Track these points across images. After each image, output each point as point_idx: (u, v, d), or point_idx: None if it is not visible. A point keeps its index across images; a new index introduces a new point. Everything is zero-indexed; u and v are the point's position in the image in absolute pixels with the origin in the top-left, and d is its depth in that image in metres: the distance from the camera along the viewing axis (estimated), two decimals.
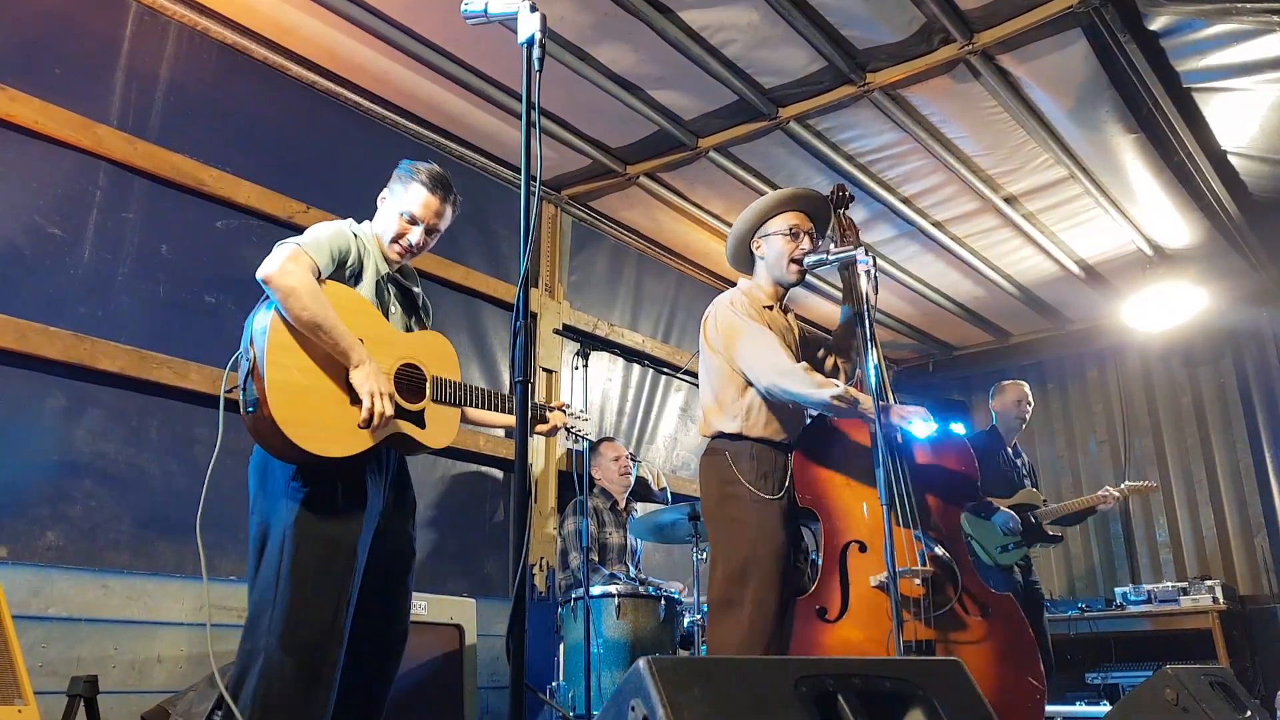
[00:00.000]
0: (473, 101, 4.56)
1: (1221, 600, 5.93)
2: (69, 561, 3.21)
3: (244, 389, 2.37)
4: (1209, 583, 6.05)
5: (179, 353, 3.60)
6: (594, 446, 4.96)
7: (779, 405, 3.10)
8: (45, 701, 2.38)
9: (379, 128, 4.60)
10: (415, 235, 2.69)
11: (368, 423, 2.41)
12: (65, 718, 2.51)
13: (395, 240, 2.68)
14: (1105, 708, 5.56)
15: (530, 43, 2.05)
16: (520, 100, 2.07)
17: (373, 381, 2.42)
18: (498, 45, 4.08)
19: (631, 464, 4.90)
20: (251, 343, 2.39)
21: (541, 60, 2.05)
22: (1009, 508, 4.98)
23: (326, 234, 2.53)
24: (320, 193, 4.21)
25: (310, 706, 2.26)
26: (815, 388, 2.95)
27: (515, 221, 2.05)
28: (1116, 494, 5.26)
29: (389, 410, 2.44)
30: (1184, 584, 6.16)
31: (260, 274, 2.36)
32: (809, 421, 3.25)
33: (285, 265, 2.36)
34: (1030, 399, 5.37)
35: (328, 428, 2.37)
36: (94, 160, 3.55)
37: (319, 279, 2.44)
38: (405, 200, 2.68)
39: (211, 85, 3.98)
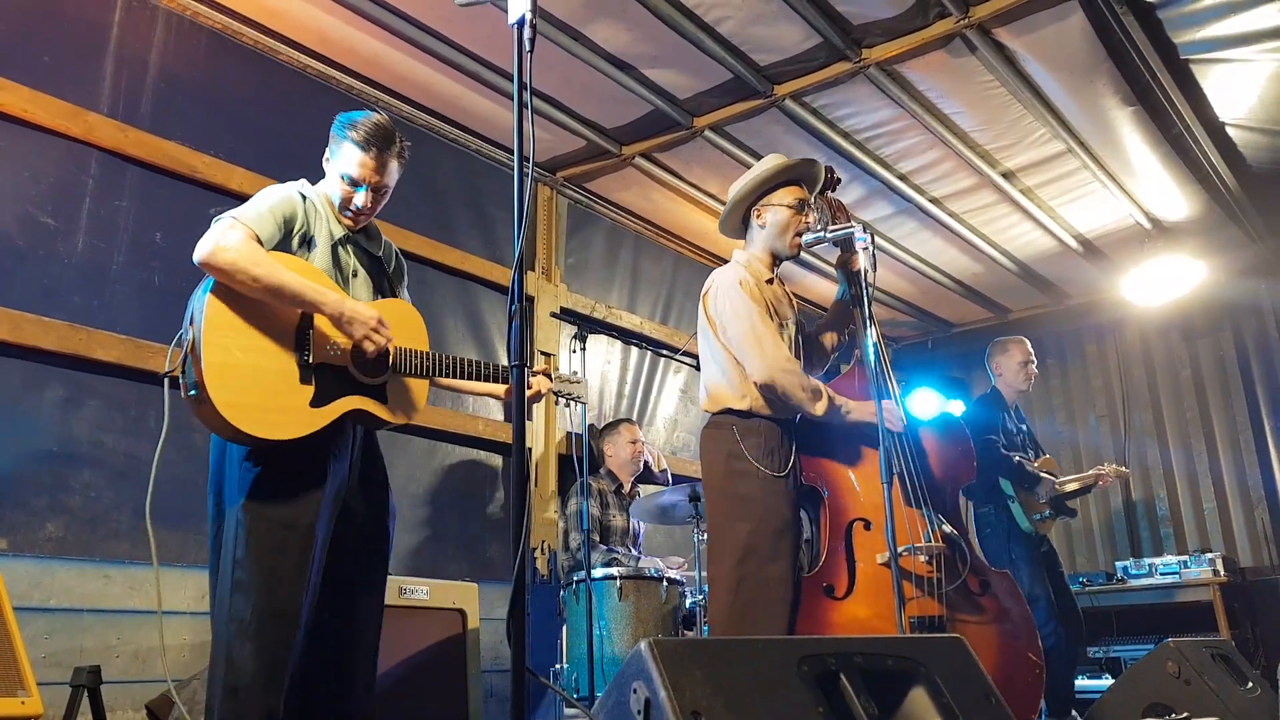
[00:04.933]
0: (466, 84, 4.53)
1: (1222, 572, 5.94)
2: (69, 552, 3.21)
3: (183, 372, 2.28)
4: (1209, 555, 6.06)
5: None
6: (614, 425, 4.96)
7: None
8: (49, 692, 2.38)
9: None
10: (360, 198, 2.56)
11: (372, 360, 2.42)
12: (69, 708, 2.52)
13: (343, 207, 2.57)
14: (1108, 681, 5.58)
15: (521, 23, 2.03)
16: (513, 82, 2.05)
17: (358, 322, 2.38)
18: (490, 26, 4.05)
19: (645, 451, 4.90)
20: (190, 322, 2.29)
21: (533, 40, 2.03)
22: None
23: (269, 202, 2.43)
24: (313, 177, 4.16)
25: (270, 693, 2.22)
26: (809, 398, 2.99)
27: (510, 204, 2.03)
28: (1110, 472, 5.01)
29: (388, 339, 2.43)
30: (1184, 557, 6.17)
31: (196, 257, 2.27)
32: None
33: (219, 243, 2.27)
34: (1034, 360, 4.99)
35: (274, 409, 2.29)
36: (85, 148, 3.52)
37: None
38: (341, 163, 2.55)
39: (202, 71, 3.95)
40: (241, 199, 3.87)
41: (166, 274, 3.68)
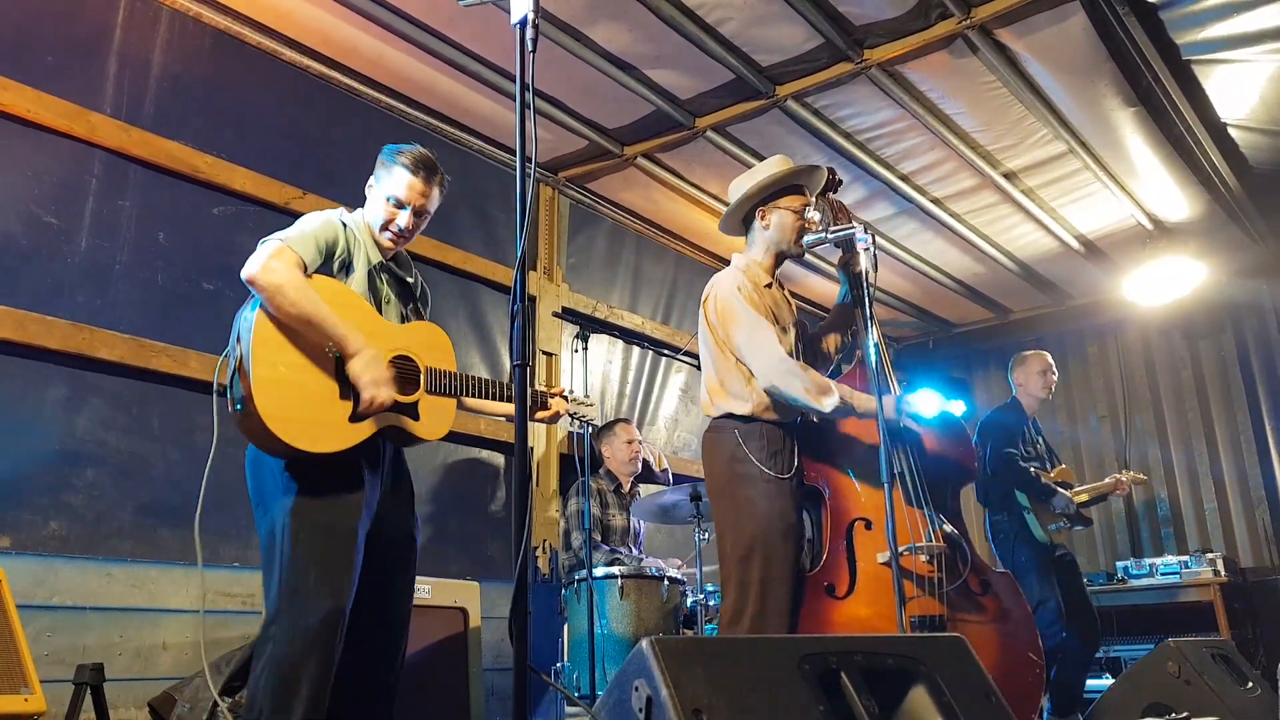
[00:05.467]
0: (468, 84, 4.53)
1: (1223, 573, 5.94)
2: (72, 550, 3.22)
3: (230, 386, 2.38)
4: (1210, 555, 6.06)
5: (178, 340, 3.59)
6: (609, 425, 4.96)
7: None
8: (52, 690, 2.39)
9: (374, 111, 4.58)
10: (403, 219, 2.67)
11: (364, 414, 2.42)
12: (71, 706, 2.53)
13: (385, 227, 2.68)
14: (1108, 681, 5.59)
15: (523, 23, 2.04)
16: (515, 82, 2.06)
17: (370, 371, 2.43)
18: (492, 27, 4.06)
19: (642, 450, 4.90)
20: (238, 339, 2.39)
21: (535, 41, 2.04)
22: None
23: (313, 226, 2.53)
24: (316, 177, 4.20)
25: (313, 692, 2.26)
26: (815, 396, 2.98)
27: (512, 204, 2.04)
28: (1127, 480, 5.19)
29: (387, 400, 2.45)
30: (1185, 557, 6.18)
31: (244, 274, 2.37)
32: None
33: (268, 263, 2.36)
34: (1054, 369, 5.07)
35: (317, 423, 2.37)
36: (89, 148, 3.53)
37: (306, 273, 2.43)
38: (389, 185, 2.67)
39: (205, 71, 3.95)
40: (244, 199, 3.94)
41: (169, 274, 3.69)
